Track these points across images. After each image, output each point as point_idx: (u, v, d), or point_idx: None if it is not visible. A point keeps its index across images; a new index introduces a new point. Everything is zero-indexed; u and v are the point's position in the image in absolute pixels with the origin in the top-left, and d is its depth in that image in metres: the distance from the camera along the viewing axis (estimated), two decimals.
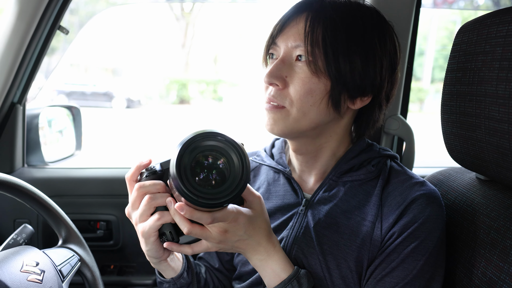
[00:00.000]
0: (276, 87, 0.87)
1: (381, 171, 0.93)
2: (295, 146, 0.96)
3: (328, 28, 0.84)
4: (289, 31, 0.87)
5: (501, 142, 0.75)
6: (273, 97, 0.87)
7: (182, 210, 0.67)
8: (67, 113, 1.87)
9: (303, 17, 0.86)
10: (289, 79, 0.86)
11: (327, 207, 0.92)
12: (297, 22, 0.87)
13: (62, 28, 1.48)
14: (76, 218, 1.50)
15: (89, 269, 1.06)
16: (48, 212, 1.05)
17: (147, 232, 0.76)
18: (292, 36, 0.87)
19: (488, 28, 0.78)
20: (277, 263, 0.83)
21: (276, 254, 0.83)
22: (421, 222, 0.83)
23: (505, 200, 0.85)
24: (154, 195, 0.75)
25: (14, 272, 0.84)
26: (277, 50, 0.90)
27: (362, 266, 0.87)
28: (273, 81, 0.86)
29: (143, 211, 0.75)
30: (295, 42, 0.86)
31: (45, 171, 1.65)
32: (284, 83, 0.86)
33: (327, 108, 0.87)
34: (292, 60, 0.87)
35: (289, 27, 0.88)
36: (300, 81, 0.85)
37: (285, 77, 0.86)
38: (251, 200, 0.79)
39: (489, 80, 0.76)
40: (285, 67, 0.87)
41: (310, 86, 0.85)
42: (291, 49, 0.87)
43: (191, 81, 19.42)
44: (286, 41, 0.87)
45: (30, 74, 1.50)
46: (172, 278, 0.94)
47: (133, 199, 0.77)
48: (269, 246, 0.82)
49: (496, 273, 0.76)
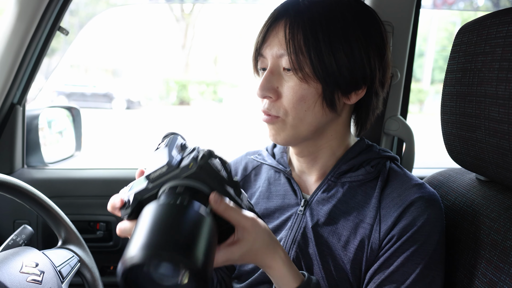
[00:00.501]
0: (270, 99, 0.87)
1: (380, 172, 0.93)
2: (297, 150, 0.96)
3: (308, 32, 0.82)
4: (272, 41, 0.86)
5: (501, 142, 0.74)
6: (267, 109, 0.88)
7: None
8: (67, 114, 1.87)
9: (282, 25, 0.85)
10: (281, 89, 0.86)
11: (325, 207, 0.92)
12: (277, 30, 0.86)
13: (62, 29, 1.48)
14: (75, 219, 1.50)
15: (89, 270, 1.06)
16: (48, 213, 1.05)
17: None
18: (275, 46, 0.85)
19: (488, 29, 0.78)
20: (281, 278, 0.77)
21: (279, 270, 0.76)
22: (420, 225, 0.82)
23: (505, 201, 0.84)
24: None
25: (13, 273, 0.84)
26: (264, 62, 0.89)
27: (361, 269, 0.86)
28: (266, 94, 0.86)
29: None
30: (279, 51, 0.85)
31: (44, 172, 1.65)
32: (277, 94, 0.86)
33: (322, 109, 0.86)
34: (280, 69, 0.86)
35: (271, 37, 0.86)
36: (291, 90, 0.85)
37: (276, 88, 0.86)
38: (242, 226, 0.70)
39: (489, 80, 0.76)
40: (275, 77, 0.86)
41: (301, 93, 0.84)
42: (276, 59, 0.86)
43: (191, 82, 19.44)
44: (271, 51, 0.86)
45: (30, 74, 1.50)
46: None
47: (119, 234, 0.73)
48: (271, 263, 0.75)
49: (497, 274, 0.76)
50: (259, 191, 1.05)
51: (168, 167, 0.64)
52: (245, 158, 1.15)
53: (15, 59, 1.40)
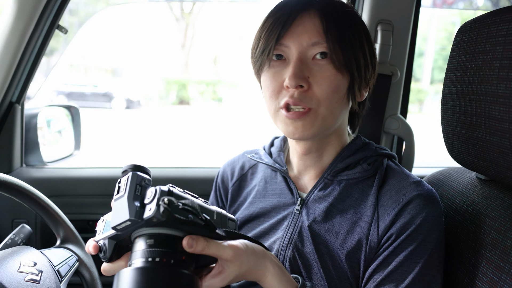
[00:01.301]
0: (301, 89, 0.84)
1: (378, 170, 0.93)
2: (307, 146, 0.94)
3: (343, 23, 0.85)
4: (301, 29, 0.84)
5: (502, 141, 0.74)
6: (298, 100, 0.84)
7: None
8: (66, 113, 1.87)
9: (315, 14, 0.85)
10: (312, 79, 0.84)
11: (322, 206, 0.91)
12: (310, 19, 0.85)
13: (61, 28, 1.47)
14: (74, 218, 1.50)
15: (87, 270, 1.05)
16: (46, 212, 1.05)
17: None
18: (306, 33, 0.84)
19: (489, 27, 0.78)
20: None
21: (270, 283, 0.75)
22: (419, 224, 0.82)
23: (506, 200, 0.84)
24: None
25: (11, 272, 0.84)
26: (284, 51, 0.87)
27: (359, 268, 0.86)
28: (299, 82, 0.83)
29: None
30: (311, 40, 0.84)
31: (43, 171, 1.64)
32: (308, 83, 0.84)
33: (347, 103, 0.89)
34: (309, 59, 0.85)
35: (300, 25, 0.85)
36: (327, 80, 0.84)
37: (307, 77, 0.84)
38: (224, 257, 0.67)
39: (489, 79, 0.76)
40: (304, 66, 0.84)
41: (336, 83, 0.84)
42: (306, 48, 0.84)
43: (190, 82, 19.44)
44: (298, 40, 0.84)
45: (28, 73, 1.49)
46: None
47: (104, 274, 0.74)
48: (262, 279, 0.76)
49: (497, 273, 0.76)
50: (255, 190, 1.05)
51: (132, 222, 0.61)
52: (242, 157, 1.15)
53: (14, 57, 1.40)
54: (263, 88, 0.92)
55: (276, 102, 0.87)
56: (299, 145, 0.95)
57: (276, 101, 0.87)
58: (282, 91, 0.86)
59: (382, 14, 1.37)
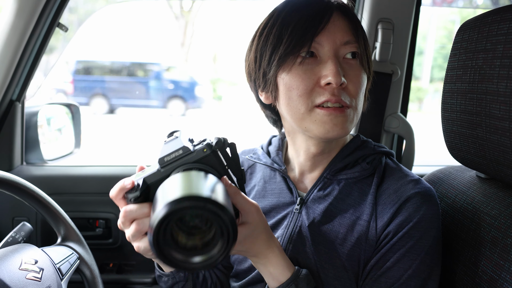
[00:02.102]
0: (341, 86, 0.83)
1: (376, 168, 0.93)
2: (323, 147, 0.93)
3: (359, 25, 0.89)
4: (334, 27, 0.85)
5: (502, 140, 0.74)
6: (341, 97, 0.83)
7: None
8: (66, 111, 1.86)
9: (342, 15, 0.87)
10: (346, 77, 0.84)
11: (322, 206, 0.91)
12: (341, 18, 0.86)
13: (61, 26, 1.47)
14: (75, 216, 1.50)
15: (88, 267, 1.06)
16: (47, 210, 1.05)
17: (143, 250, 0.72)
18: (339, 33, 0.85)
19: (489, 26, 0.78)
20: (275, 267, 0.81)
21: (275, 259, 0.80)
22: (416, 221, 0.82)
23: (506, 198, 0.84)
24: (142, 221, 0.69)
25: (12, 270, 0.84)
26: (316, 48, 0.85)
27: (358, 266, 0.86)
28: (343, 79, 0.82)
29: (133, 234, 0.71)
30: (344, 39, 0.85)
31: (44, 169, 1.64)
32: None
33: (364, 100, 0.93)
34: (341, 58, 0.86)
35: (333, 24, 0.85)
36: (358, 78, 0.86)
37: (343, 75, 0.83)
38: (247, 211, 0.74)
39: (490, 78, 0.76)
40: (338, 65, 0.84)
41: (363, 82, 0.88)
42: (339, 46, 0.85)
43: None
44: (332, 38, 0.84)
45: (29, 71, 1.49)
46: (171, 271, 0.94)
47: (122, 220, 0.72)
48: (267, 252, 0.80)
49: (497, 271, 0.76)
50: (255, 190, 1.05)
51: (183, 151, 0.67)
52: (240, 157, 1.14)
53: (14, 55, 1.39)
54: (288, 88, 0.86)
55: (309, 101, 0.84)
56: (315, 146, 0.92)
57: (308, 100, 0.84)
58: (316, 89, 0.84)
59: (382, 13, 1.37)
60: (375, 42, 1.40)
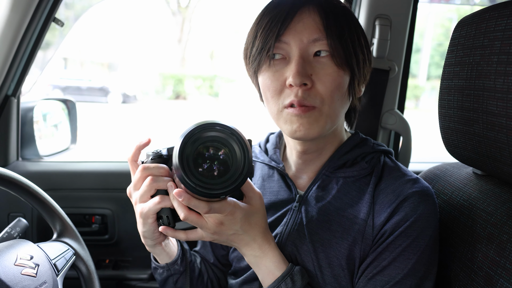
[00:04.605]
0: (305, 87, 0.82)
1: (375, 167, 0.92)
2: (307, 146, 0.93)
3: (342, 19, 0.83)
4: (301, 25, 0.82)
5: (499, 136, 0.74)
6: (303, 99, 0.81)
7: (180, 196, 0.68)
8: (62, 107, 1.85)
9: (314, 10, 0.83)
10: (315, 77, 0.82)
11: (320, 204, 0.91)
12: (308, 15, 0.83)
13: (57, 20, 1.46)
14: (71, 212, 1.50)
15: (84, 263, 1.05)
16: (43, 206, 1.05)
17: (145, 214, 0.77)
18: (306, 30, 0.82)
19: (487, 22, 0.77)
20: (271, 260, 0.83)
21: (270, 252, 0.83)
22: (413, 221, 0.82)
23: (502, 195, 0.85)
24: (156, 178, 0.75)
25: (8, 266, 0.83)
26: (284, 48, 0.84)
27: (354, 264, 0.86)
28: (304, 80, 0.81)
29: (144, 192, 0.76)
30: (312, 36, 0.82)
31: (39, 164, 1.63)
32: (311, 81, 0.82)
33: (348, 100, 0.88)
34: (310, 57, 0.83)
35: (300, 22, 0.83)
36: (329, 77, 0.82)
37: (310, 75, 0.82)
38: (250, 196, 0.79)
39: (487, 74, 0.76)
40: (306, 64, 0.82)
41: (338, 80, 0.83)
42: (307, 45, 0.82)
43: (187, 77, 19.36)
44: (298, 36, 0.82)
45: (24, 66, 1.48)
46: (166, 263, 0.94)
47: (136, 179, 0.78)
48: (264, 243, 0.82)
49: (493, 268, 0.76)
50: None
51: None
52: None
53: (10, 50, 1.38)
54: (263, 89, 0.88)
55: (279, 102, 0.85)
56: (299, 144, 0.93)
57: (279, 101, 0.85)
58: (285, 90, 0.84)
59: (380, 9, 1.37)
60: (373, 38, 1.40)
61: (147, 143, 0.81)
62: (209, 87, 19.52)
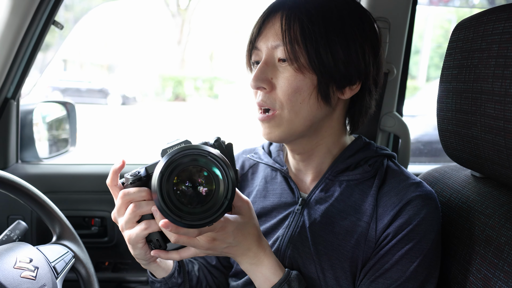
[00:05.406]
0: (264, 91, 0.86)
1: (378, 170, 0.93)
2: (292, 147, 0.95)
3: (304, 23, 0.82)
4: (267, 33, 0.86)
5: (497, 139, 0.75)
6: (262, 101, 0.86)
7: (167, 227, 0.66)
8: (62, 109, 1.86)
9: (278, 17, 0.85)
10: (275, 81, 0.85)
11: (323, 207, 0.91)
12: (273, 22, 0.86)
13: (57, 23, 1.46)
14: (70, 215, 1.50)
15: (84, 266, 1.05)
16: (42, 208, 1.05)
17: (134, 240, 0.75)
18: (271, 37, 0.86)
19: (485, 25, 0.78)
20: (267, 268, 0.82)
21: (266, 259, 0.82)
22: (416, 224, 0.82)
23: (500, 197, 0.85)
24: (139, 203, 0.73)
25: (7, 269, 0.83)
26: (258, 54, 0.89)
27: (357, 267, 0.87)
28: (259, 84, 0.85)
29: (128, 219, 0.74)
30: (274, 42, 0.85)
31: (39, 167, 1.63)
32: (271, 85, 0.85)
33: (317, 103, 0.86)
34: (275, 61, 0.86)
35: (267, 29, 0.87)
36: (286, 81, 0.84)
37: (270, 79, 0.85)
38: (239, 206, 0.78)
39: (485, 77, 0.76)
40: (269, 69, 0.86)
41: (296, 84, 0.84)
42: (272, 50, 0.86)
43: (187, 78, 19.36)
44: (266, 43, 0.86)
45: (24, 69, 1.48)
46: (163, 278, 0.93)
47: (118, 205, 0.75)
48: (259, 251, 0.81)
49: (491, 270, 0.76)
50: (256, 189, 1.05)
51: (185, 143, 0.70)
52: (241, 156, 1.14)
53: (9, 53, 1.38)
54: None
55: (255, 102, 0.90)
56: (287, 146, 0.96)
57: (254, 101, 0.90)
58: (257, 92, 0.88)
59: (378, 12, 1.37)
60: None
61: (122, 166, 0.77)
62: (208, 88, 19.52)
